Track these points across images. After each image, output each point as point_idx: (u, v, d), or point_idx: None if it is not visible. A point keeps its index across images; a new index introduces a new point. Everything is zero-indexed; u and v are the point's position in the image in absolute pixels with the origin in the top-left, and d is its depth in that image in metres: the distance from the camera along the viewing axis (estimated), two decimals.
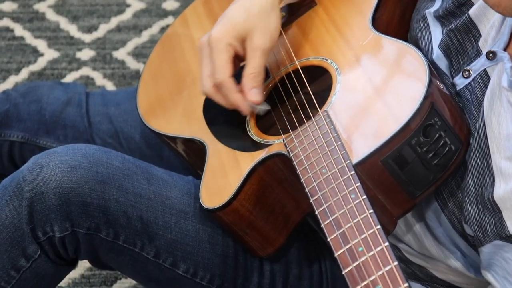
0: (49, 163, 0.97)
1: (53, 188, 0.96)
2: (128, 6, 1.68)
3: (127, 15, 1.67)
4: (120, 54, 1.61)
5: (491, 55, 0.89)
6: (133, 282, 1.32)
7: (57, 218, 0.96)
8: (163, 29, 1.67)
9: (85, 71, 1.58)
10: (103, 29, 1.65)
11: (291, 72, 1.01)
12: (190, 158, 1.08)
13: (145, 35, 1.64)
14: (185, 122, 1.06)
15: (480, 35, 0.92)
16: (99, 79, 1.57)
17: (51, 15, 1.66)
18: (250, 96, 0.97)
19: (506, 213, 0.86)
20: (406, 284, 0.72)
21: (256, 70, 0.97)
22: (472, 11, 0.93)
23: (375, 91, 0.92)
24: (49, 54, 1.60)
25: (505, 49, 0.89)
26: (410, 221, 0.97)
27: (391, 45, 0.95)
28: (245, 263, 1.03)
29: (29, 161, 0.99)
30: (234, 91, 0.98)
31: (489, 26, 0.91)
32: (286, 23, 1.07)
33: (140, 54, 1.62)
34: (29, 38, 1.63)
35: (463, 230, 0.92)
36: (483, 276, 0.91)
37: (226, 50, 0.97)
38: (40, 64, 1.59)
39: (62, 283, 1.31)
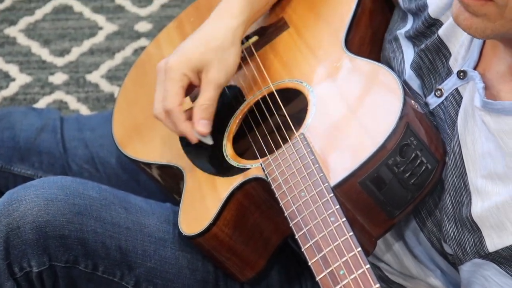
0: (25, 197, 0.97)
1: (29, 222, 0.95)
2: (101, 28, 1.68)
3: (99, 37, 1.67)
4: (94, 77, 1.61)
5: (461, 74, 0.90)
6: None
7: (34, 252, 0.96)
8: (136, 51, 1.67)
9: (59, 95, 1.57)
10: (75, 52, 1.64)
11: (266, 96, 1.01)
12: (167, 184, 1.08)
13: (119, 58, 1.64)
14: (161, 148, 1.06)
15: (450, 54, 0.93)
16: (73, 103, 1.56)
17: (22, 40, 1.66)
18: (197, 126, 0.99)
19: (485, 231, 0.87)
20: None
21: (207, 103, 0.99)
22: (441, 31, 0.94)
23: (351, 112, 0.93)
24: (21, 79, 1.60)
25: (475, 68, 0.90)
26: (389, 241, 0.97)
27: (365, 66, 0.96)
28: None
29: (4, 196, 0.99)
30: (182, 120, 0.99)
31: (459, 45, 0.93)
32: (259, 46, 1.08)
33: (114, 76, 1.62)
34: (0, 63, 1.62)
35: (442, 249, 0.93)
36: None
37: (180, 79, 0.99)
38: (12, 89, 1.58)
39: None
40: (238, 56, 1.01)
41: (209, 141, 1.00)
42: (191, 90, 1.02)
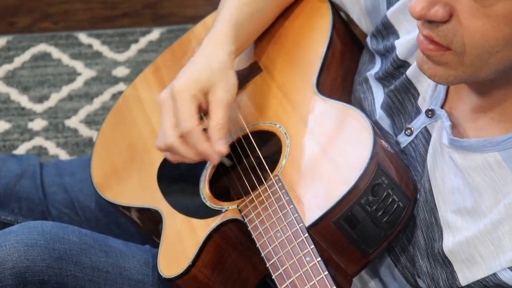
0: (5, 243, 0.96)
1: (9, 268, 0.95)
2: (79, 74, 1.68)
3: (78, 83, 1.67)
4: (73, 122, 1.61)
5: (430, 113, 0.91)
6: None
7: None
8: (114, 96, 1.67)
9: (38, 141, 1.57)
10: (54, 99, 1.64)
11: (242, 138, 1.02)
12: (146, 226, 1.08)
13: (97, 103, 1.64)
14: (139, 192, 1.07)
15: (418, 94, 0.94)
16: (52, 148, 1.56)
17: (1, 87, 1.65)
18: (217, 146, 0.95)
19: (457, 265, 0.87)
20: None
21: (221, 122, 0.96)
22: (409, 72, 0.95)
23: (323, 153, 0.94)
24: (0, 126, 1.59)
25: (442, 107, 0.91)
26: (365, 278, 0.98)
27: (336, 108, 0.97)
28: None
29: None
30: (203, 139, 0.95)
31: (426, 85, 0.94)
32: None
33: (92, 121, 1.62)
34: None
35: (416, 284, 0.93)
36: None
37: (192, 100, 0.96)
38: None
39: None
40: (236, 77, 1.01)
41: (228, 162, 1.00)
42: None
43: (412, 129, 0.93)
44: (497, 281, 0.84)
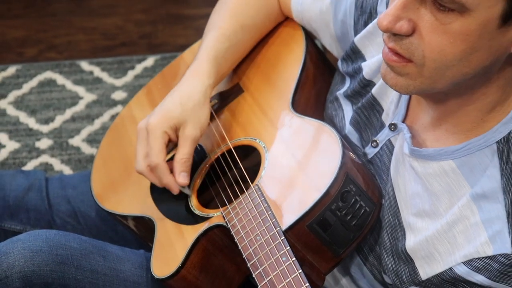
0: (12, 250, 0.96)
1: (17, 272, 0.94)
2: (81, 98, 1.68)
3: (80, 106, 1.67)
4: (75, 141, 1.60)
5: (392, 126, 0.92)
6: None
7: None
8: (113, 117, 1.66)
9: (44, 158, 1.56)
10: (59, 120, 1.64)
11: (225, 152, 1.02)
12: (141, 233, 1.07)
13: (97, 123, 1.64)
14: (134, 202, 1.06)
15: (382, 110, 0.94)
16: (57, 164, 1.55)
17: (11, 111, 1.65)
18: (179, 178, 0.99)
19: (418, 262, 0.87)
20: None
21: (185, 157, 0.99)
22: (374, 90, 0.96)
23: (298, 165, 0.94)
24: (10, 145, 1.59)
25: (403, 121, 0.91)
26: (337, 275, 0.98)
27: (309, 124, 0.97)
28: None
29: None
30: (167, 173, 0.99)
31: (389, 101, 0.94)
32: (218, 109, 1.08)
33: (93, 140, 1.62)
34: None
35: (383, 280, 0.93)
36: None
37: (162, 137, 0.98)
38: (2, 155, 1.57)
39: None
40: (209, 114, 1.01)
41: (188, 191, 1.00)
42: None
43: (378, 141, 0.94)
44: (453, 274, 0.84)
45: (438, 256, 0.85)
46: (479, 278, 0.82)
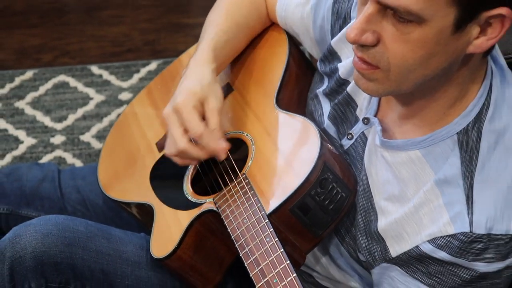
0: (25, 233, 0.96)
1: (29, 253, 0.95)
2: (91, 99, 1.68)
3: (90, 106, 1.66)
4: (86, 137, 1.60)
5: (365, 120, 0.91)
6: None
7: (34, 276, 0.95)
8: (120, 115, 1.64)
9: (58, 153, 1.56)
10: (71, 119, 1.64)
11: None
12: (142, 218, 1.07)
13: (106, 121, 1.63)
14: (135, 190, 1.06)
15: (357, 106, 0.94)
16: (70, 158, 1.55)
17: (29, 110, 1.65)
18: (221, 144, 0.94)
19: (388, 241, 0.87)
20: None
21: (216, 126, 0.95)
22: (349, 88, 0.95)
23: (281, 155, 0.94)
24: (28, 141, 1.58)
25: (375, 115, 0.91)
26: (317, 254, 0.98)
27: (291, 119, 0.97)
28: None
29: (9, 232, 0.98)
30: (213, 139, 0.93)
31: (363, 98, 0.94)
32: None
33: (102, 136, 1.61)
34: (11, 130, 1.60)
35: (358, 258, 0.93)
36: None
37: (194, 111, 0.94)
38: (21, 149, 1.57)
39: None
40: (221, 89, 0.98)
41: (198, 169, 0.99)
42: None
43: (353, 134, 0.93)
44: (419, 252, 0.84)
45: (406, 235, 0.85)
46: (441, 254, 0.82)
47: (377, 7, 0.74)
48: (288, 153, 0.94)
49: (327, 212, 0.88)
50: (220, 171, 0.98)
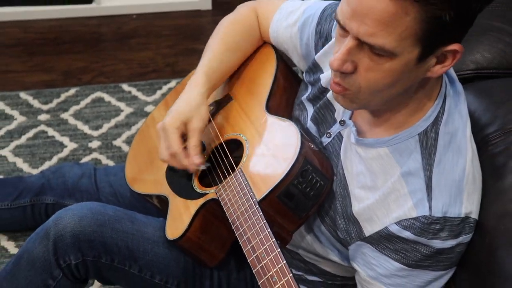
0: (65, 216, 0.96)
1: (68, 232, 0.95)
2: (122, 111, 1.67)
3: (121, 117, 1.65)
4: (117, 142, 1.59)
5: (342, 122, 0.91)
6: None
7: (72, 251, 0.95)
8: (143, 124, 1.64)
9: (95, 155, 1.55)
10: (105, 127, 1.62)
11: (218, 145, 1.00)
12: (159, 206, 1.06)
13: (133, 129, 1.62)
14: (154, 184, 1.05)
15: (335, 110, 0.94)
16: (104, 159, 1.54)
17: (72, 120, 1.64)
18: (195, 160, 0.96)
19: (362, 223, 0.87)
20: (291, 274, 0.72)
21: (195, 144, 0.97)
22: (329, 95, 0.95)
23: (269, 151, 0.93)
24: (70, 145, 1.58)
25: (350, 118, 0.90)
26: (303, 233, 0.97)
27: (278, 122, 0.96)
28: (200, 272, 1.01)
29: (53, 215, 0.99)
30: (184, 157, 0.96)
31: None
32: (214, 113, 1.07)
33: (130, 141, 1.57)
34: (58, 136, 1.60)
35: (338, 236, 0.92)
36: (352, 265, 0.91)
37: (176, 131, 0.96)
38: (65, 152, 1.56)
39: None
40: (207, 111, 0.99)
41: (203, 167, 0.98)
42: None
43: (331, 133, 0.93)
44: (387, 232, 0.83)
45: (377, 218, 0.84)
46: (406, 234, 0.82)
47: (356, 42, 0.74)
48: (275, 150, 0.92)
49: (308, 197, 0.87)
50: (221, 166, 0.97)
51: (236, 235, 0.83)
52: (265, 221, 0.81)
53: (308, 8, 0.99)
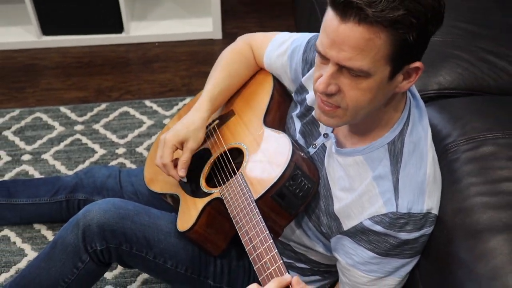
0: (93, 209, 0.97)
1: (95, 222, 0.95)
2: (144, 123, 1.67)
3: (144, 128, 1.65)
4: (140, 149, 1.59)
5: (325, 135, 0.91)
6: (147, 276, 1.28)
7: (98, 239, 0.95)
8: (160, 133, 1.64)
9: (120, 160, 1.55)
10: (130, 136, 1.62)
11: (222, 153, 1.01)
12: (172, 203, 1.07)
13: (154, 138, 1.61)
14: (167, 184, 1.05)
15: (319, 124, 0.93)
16: (128, 164, 1.54)
17: (102, 130, 1.64)
18: (179, 172, 0.98)
19: (341, 219, 0.86)
20: (281, 261, 0.72)
21: (185, 160, 0.97)
22: (314, 113, 0.93)
23: (265, 158, 0.93)
24: (100, 151, 1.57)
25: (332, 131, 0.90)
26: (293, 228, 0.97)
27: (273, 133, 0.96)
28: (206, 259, 1.01)
29: (83, 209, 0.99)
30: (172, 169, 0.98)
31: None
32: (219, 125, 1.07)
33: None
34: (90, 144, 1.60)
35: (321, 231, 0.92)
36: (334, 255, 0.91)
37: (171, 148, 0.97)
38: (95, 157, 1.56)
39: (110, 278, 1.27)
40: (204, 134, 1.00)
41: (184, 179, 0.99)
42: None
43: (316, 144, 0.93)
44: (362, 226, 0.83)
45: (353, 215, 0.84)
46: (377, 228, 0.81)
47: (337, 67, 0.74)
48: (270, 157, 0.93)
49: (298, 197, 0.87)
50: (225, 170, 0.98)
51: (236, 228, 0.83)
52: (260, 216, 0.80)
53: (295, 39, 1.00)
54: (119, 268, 1.30)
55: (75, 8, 1.85)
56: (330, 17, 0.71)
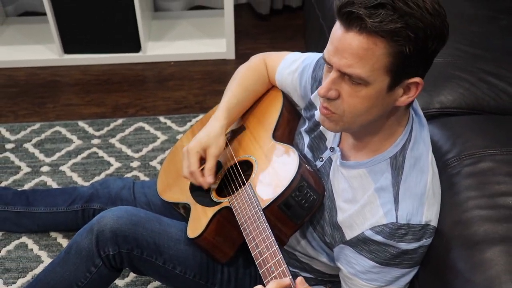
0: (107, 216, 0.99)
1: (108, 228, 0.97)
2: (158, 138, 1.69)
3: (157, 142, 1.68)
4: (153, 163, 1.61)
5: (332, 149, 0.93)
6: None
7: (110, 244, 0.97)
8: (172, 147, 1.63)
9: (135, 173, 1.58)
10: (144, 150, 1.65)
11: (233, 165, 1.03)
12: (183, 212, 1.09)
13: (167, 153, 1.63)
14: (179, 194, 1.08)
15: (326, 139, 0.96)
16: (142, 177, 1.56)
17: (117, 144, 1.67)
18: (207, 179, 0.99)
19: (344, 229, 0.88)
20: (285, 265, 0.74)
21: (210, 167, 1.00)
22: (321, 128, 0.97)
23: (273, 170, 0.95)
24: (116, 165, 1.60)
25: (338, 145, 0.93)
26: (298, 238, 0.98)
27: (282, 147, 0.98)
28: (213, 267, 1.03)
29: (97, 215, 1.01)
30: (199, 176, 1.00)
31: (330, 135, 0.95)
32: (231, 139, 1.09)
33: None
34: (106, 157, 1.63)
35: (325, 241, 0.94)
36: (337, 265, 0.93)
37: (196, 155, 1.00)
38: (111, 170, 1.58)
39: (122, 286, 1.29)
40: (224, 141, 1.01)
41: (214, 186, 1.01)
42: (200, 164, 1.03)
43: (323, 157, 0.95)
44: (363, 236, 0.85)
45: (356, 225, 0.86)
46: (378, 238, 0.83)
47: (338, 74, 0.77)
48: (277, 168, 0.95)
49: (303, 208, 0.89)
50: (234, 181, 1.00)
51: (244, 234, 0.86)
52: (267, 224, 0.83)
53: (306, 58, 1.04)
54: (131, 276, 1.32)
55: (96, 29, 1.92)
56: (336, 27, 0.75)
